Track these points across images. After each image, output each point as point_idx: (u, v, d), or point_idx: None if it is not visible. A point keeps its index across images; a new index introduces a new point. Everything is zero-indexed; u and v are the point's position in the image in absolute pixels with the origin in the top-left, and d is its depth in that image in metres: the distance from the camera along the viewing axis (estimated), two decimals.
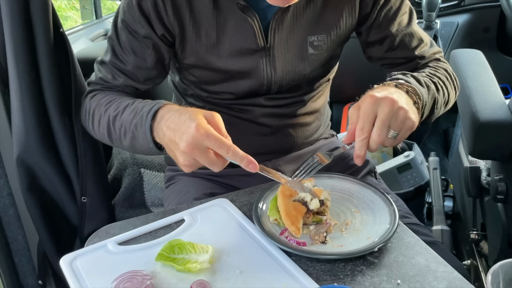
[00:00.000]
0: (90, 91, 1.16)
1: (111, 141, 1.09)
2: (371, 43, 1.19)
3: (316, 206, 0.90)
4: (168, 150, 0.90)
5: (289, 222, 0.87)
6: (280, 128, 1.24)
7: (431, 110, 1.03)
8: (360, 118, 0.88)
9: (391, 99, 0.87)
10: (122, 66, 1.11)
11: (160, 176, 1.56)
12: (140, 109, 0.96)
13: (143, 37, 1.07)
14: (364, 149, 0.89)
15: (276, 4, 0.97)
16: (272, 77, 1.13)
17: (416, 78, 1.00)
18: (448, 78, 1.12)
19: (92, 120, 1.10)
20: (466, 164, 1.64)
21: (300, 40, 1.12)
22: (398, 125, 0.88)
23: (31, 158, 1.32)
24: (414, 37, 1.16)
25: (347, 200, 0.99)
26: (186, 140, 0.82)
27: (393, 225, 0.88)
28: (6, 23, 1.18)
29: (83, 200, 1.42)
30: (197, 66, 1.13)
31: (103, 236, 0.92)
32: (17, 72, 1.23)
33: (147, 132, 0.92)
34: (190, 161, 0.84)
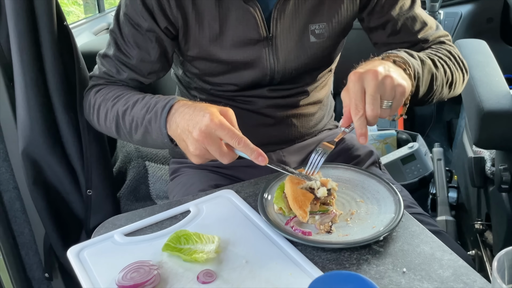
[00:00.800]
0: (94, 86, 1.16)
1: (119, 135, 1.09)
2: (374, 28, 1.19)
3: (323, 194, 0.90)
4: (179, 141, 0.91)
5: (296, 206, 0.87)
6: (284, 119, 1.24)
7: (430, 87, 1.02)
8: (351, 98, 0.87)
9: (374, 71, 0.86)
10: (126, 60, 1.11)
11: (164, 169, 1.56)
12: (153, 105, 0.97)
13: (146, 31, 1.07)
14: (364, 126, 0.88)
15: None
16: (275, 66, 1.14)
17: (408, 52, 1.00)
18: (452, 59, 1.11)
19: (97, 114, 1.11)
20: (470, 154, 1.64)
21: (302, 28, 1.12)
22: (388, 94, 0.87)
23: (36, 151, 1.33)
24: (417, 21, 1.15)
25: (352, 190, 0.99)
26: (199, 128, 0.84)
27: (398, 214, 0.88)
28: (10, 16, 1.18)
29: (88, 193, 1.43)
30: (201, 57, 1.13)
31: (109, 227, 0.93)
32: (21, 65, 1.23)
33: (162, 127, 0.94)
34: (202, 150, 0.85)
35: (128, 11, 1.07)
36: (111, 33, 1.13)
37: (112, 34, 1.12)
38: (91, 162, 1.39)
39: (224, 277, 0.78)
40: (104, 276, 0.79)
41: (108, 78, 1.14)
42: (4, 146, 1.39)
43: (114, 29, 1.12)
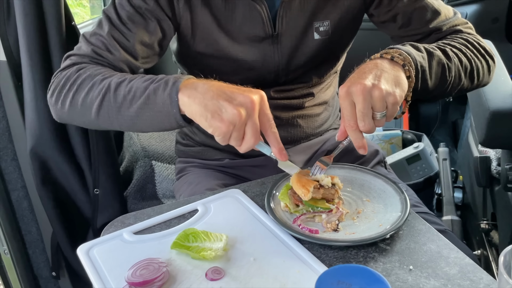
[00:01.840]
0: (76, 63, 1.02)
1: (98, 115, 0.95)
2: (384, 22, 1.17)
3: (327, 183, 0.91)
4: (210, 102, 0.82)
5: (299, 186, 0.88)
6: (290, 119, 1.25)
7: (443, 78, 0.99)
8: (342, 114, 0.88)
9: (361, 85, 0.84)
10: (121, 40, 1.03)
11: (171, 168, 1.57)
12: (161, 78, 0.90)
13: (147, 10, 1.04)
14: (361, 139, 0.88)
15: None
16: (280, 64, 1.14)
17: (413, 45, 0.97)
18: (470, 46, 1.07)
19: (75, 90, 0.96)
20: (476, 154, 1.64)
21: (306, 26, 1.12)
22: (379, 106, 0.85)
23: (44, 150, 1.35)
24: (428, 10, 1.12)
25: (358, 190, 1.00)
26: (252, 97, 0.82)
27: (405, 212, 0.89)
28: (19, 17, 1.20)
29: (95, 192, 1.44)
30: (207, 54, 1.13)
31: (118, 226, 0.94)
32: (30, 65, 1.24)
33: (173, 95, 0.85)
34: (239, 120, 0.80)
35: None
36: (106, 12, 1.06)
37: (106, 13, 1.05)
38: (98, 161, 1.41)
39: (232, 274, 0.78)
40: (113, 273, 0.80)
41: (95, 57, 1.03)
42: (12, 145, 1.40)
43: (109, 9, 1.05)
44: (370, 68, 0.89)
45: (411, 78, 0.92)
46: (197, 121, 0.85)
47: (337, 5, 1.12)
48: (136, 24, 1.04)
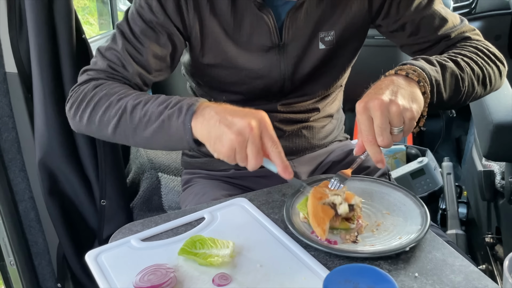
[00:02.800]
0: (92, 79, 1.07)
1: (114, 133, 0.99)
2: (393, 32, 1.18)
3: (344, 211, 0.90)
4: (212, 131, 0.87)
5: (315, 223, 0.88)
6: (295, 131, 1.26)
7: (457, 89, 1.00)
8: (360, 129, 0.89)
9: (379, 100, 0.86)
10: (135, 55, 1.06)
11: (177, 180, 1.59)
12: (175, 103, 0.94)
13: (158, 24, 1.06)
14: (379, 153, 0.89)
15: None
16: (286, 73, 1.16)
17: (426, 59, 0.99)
18: (480, 53, 1.08)
19: (93, 108, 1.01)
20: (480, 168, 1.65)
21: (312, 36, 1.14)
22: (396, 121, 0.87)
23: (53, 161, 1.36)
24: (435, 18, 1.13)
25: (378, 202, 1.00)
26: (250, 120, 0.84)
27: (425, 225, 0.88)
28: (31, 29, 1.22)
29: (102, 203, 1.45)
30: (215, 64, 1.15)
31: (126, 233, 0.95)
32: (40, 77, 1.27)
33: (186, 122, 0.90)
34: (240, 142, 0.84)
35: (142, 7, 1.07)
36: (119, 27, 1.09)
37: (120, 28, 1.08)
38: (105, 172, 1.42)
39: (239, 280, 0.79)
40: (121, 279, 0.81)
41: (111, 72, 1.07)
42: (21, 156, 1.42)
43: (122, 23, 1.09)
44: (386, 84, 0.91)
45: (426, 94, 0.93)
46: (205, 145, 0.90)
47: (342, 16, 1.14)
48: (149, 38, 1.07)
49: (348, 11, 1.14)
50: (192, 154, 1.37)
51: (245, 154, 0.86)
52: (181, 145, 0.95)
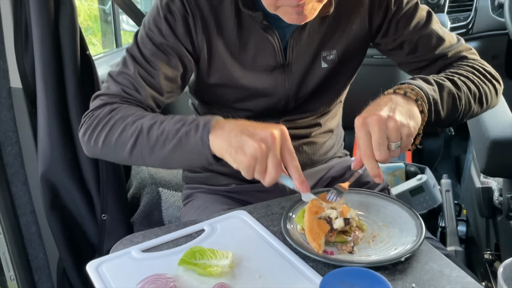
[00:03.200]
0: (107, 103, 1.08)
1: (131, 154, 1.01)
2: (392, 50, 1.21)
3: (339, 226, 0.91)
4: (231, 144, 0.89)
5: (311, 238, 0.89)
6: (296, 147, 1.27)
7: (454, 108, 1.02)
8: (358, 144, 0.91)
9: (377, 116, 0.88)
10: (147, 78, 1.08)
11: (177, 196, 1.60)
12: (192, 121, 0.96)
13: (168, 47, 1.09)
14: (376, 168, 0.91)
15: (293, 22, 1.02)
16: (290, 91, 1.18)
17: (424, 78, 1.01)
18: (476, 72, 1.11)
19: (109, 131, 1.03)
20: (478, 185, 1.66)
21: (314, 55, 1.17)
22: (394, 137, 0.89)
23: (55, 175, 1.38)
24: (433, 37, 1.16)
25: (374, 215, 1.01)
26: (272, 131, 0.87)
27: (420, 236, 0.90)
28: (37, 45, 1.25)
29: (103, 218, 1.46)
30: (221, 84, 1.17)
31: (127, 244, 0.96)
32: (45, 92, 1.29)
33: (205, 138, 0.92)
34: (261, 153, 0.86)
35: (151, 31, 1.09)
36: (129, 51, 1.11)
37: (130, 52, 1.11)
38: (107, 187, 1.43)
39: None
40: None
41: (125, 96, 1.09)
42: (24, 170, 1.44)
43: (132, 47, 1.11)
44: (385, 101, 0.93)
45: (424, 112, 0.95)
46: (224, 157, 0.92)
47: (343, 35, 1.17)
48: (160, 61, 1.09)
49: (349, 31, 1.17)
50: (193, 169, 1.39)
51: (265, 165, 0.88)
52: (199, 161, 0.96)
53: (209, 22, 1.10)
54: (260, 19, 1.08)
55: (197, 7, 1.08)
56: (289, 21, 1.02)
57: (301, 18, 1.01)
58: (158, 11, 1.09)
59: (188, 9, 1.08)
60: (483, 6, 2.46)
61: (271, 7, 1.02)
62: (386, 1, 1.16)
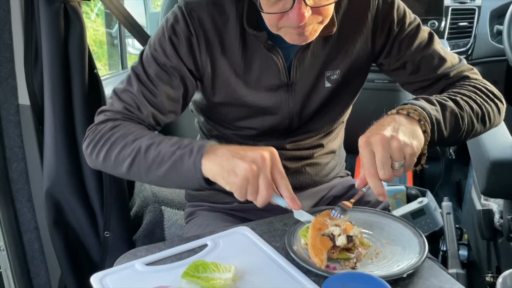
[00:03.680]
0: (109, 120, 1.12)
1: (129, 171, 1.05)
2: (394, 70, 1.23)
3: (342, 243, 0.92)
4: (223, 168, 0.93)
5: (313, 254, 0.90)
6: (299, 168, 1.30)
7: (457, 127, 1.04)
8: (362, 163, 0.93)
9: (380, 135, 0.90)
10: (149, 97, 1.12)
11: (180, 214, 1.61)
12: (187, 143, 1.00)
13: (171, 67, 1.12)
14: (380, 187, 0.92)
15: (295, 43, 1.05)
16: (294, 110, 1.20)
17: (427, 99, 1.03)
18: (479, 92, 1.12)
19: (109, 148, 1.07)
20: (478, 207, 1.67)
21: (318, 75, 1.19)
22: (397, 156, 0.90)
23: (59, 192, 1.39)
24: (435, 57, 1.18)
25: (378, 232, 1.02)
26: (262, 153, 0.91)
27: (423, 254, 0.91)
28: (46, 63, 1.28)
29: (106, 235, 1.47)
30: (226, 103, 1.19)
31: (130, 258, 0.97)
32: (52, 109, 1.32)
33: (197, 162, 0.95)
34: (252, 175, 0.90)
35: (156, 51, 1.13)
36: (134, 69, 1.14)
37: (135, 70, 1.14)
38: (110, 204, 1.45)
39: None
40: None
41: (127, 114, 1.12)
42: (29, 187, 1.45)
43: (137, 66, 1.14)
44: (388, 121, 0.95)
45: (427, 132, 0.97)
46: (217, 181, 0.96)
47: (346, 56, 1.19)
48: (162, 81, 1.12)
49: (352, 51, 1.20)
50: None
51: (256, 185, 0.91)
52: (192, 184, 1.01)
53: (213, 42, 1.13)
54: (265, 39, 1.11)
55: (201, 28, 1.12)
56: (290, 41, 1.05)
57: (302, 38, 1.04)
58: (163, 32, 1.13)
59: (192, 30, 1.12)
60: (482, 33, 2.51)
61: (273, 27, 1.05)
62: (389, 23, 1.18)
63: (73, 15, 1.29)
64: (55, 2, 1.25)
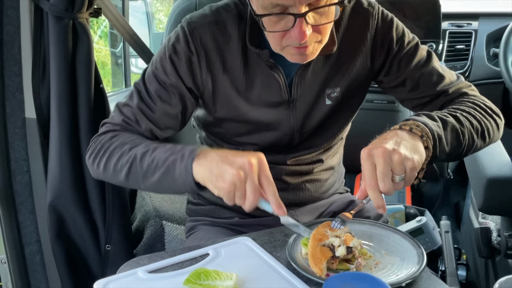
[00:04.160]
0: (110, 130, 1.17)
1: (127, 179, 1.09)
2: (394, 87, 1.26)
3: (342, 254, 0.94)
4: (211, 172, 0.96)
5: (313, 263, 0.92)
6: (299, 184, 1.32)
7: (458, 143, 1.06)
8: (363, 175, 0.95)
9: (382, 148, 0.93)
10: (148, 112, 1.16)
11: (180, 229, 1.62)
12: (179, 150, 1.03)
13: (170, 85, 1.16)
14: (381, 199, 0.94)
15: (296, 61, 1.08)
16: (295, 126, 1.23)
17: (428, 115, 1.06)
18: (478, 108, 1.14)
19: (108, 157, 1.12)
20: (476, 225, 1.69)
21: (319, 92, 1.21)
22: (398, 169, 0.92)
23: (63, 204, 1.41)
24: (434, 74, 1.21)
25: (377, 244, 1.04)
26: (250, 159, 0.93)
27: (421, 264, 0.93)
28: (53, 78, 1.31)
29: (107, 248, 1.48)
30: (227, 118, 1.22)
31: (133, 266, 0.98)
32: (58, 123, 1.34)
33: (188, 167, 0.99)
34: (239, 180, 0.92)
35: (157, 69, 1.17)
36: (136, 86, 1.19)
37: (137, 86, 1.18)
38: (112, 217, 1.46)
39: None
40: None
41: (126, 126, 1.17)
42: (32, 199, 1.47)
43: (139, 82, 1.19)
44: (391, 136, 0.98)
45: (428, 148, 1.00)
46: (206, 185, 0.99)
47: (346, 73, 1.22)
48: (161, 98, 1.16)
49: (352, 69, 1.22)
50: (197, 202, 1.42)
51: (244, 191, 0.94)
52: (184, 188, 1.04)
53: (214, 60, 1.16)
54: (267, 57, 1.14)
55: (202, 47, 1.15)
56: (292, 60, 1.08)
57: (303, 58, 1.07)
58: (164, 51, 1.18)
59: (193, 49, 1.15)
60: (479, 56, 2.55)
61: (277, 46, 1.08)
62: (388, 41, 1.22)
63: (81, 31, 1.33)
64: (64, 18, 1.29)
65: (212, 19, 1.17)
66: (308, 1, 0.97)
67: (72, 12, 1.29)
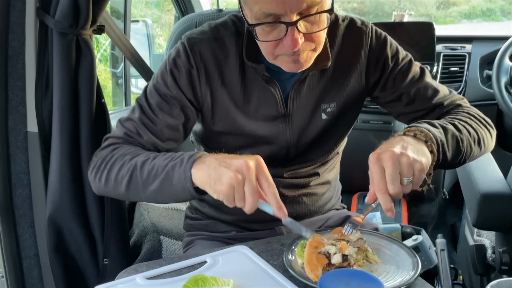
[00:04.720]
0: (111, 144, 1.19)
1: (128, 190, 1.10)
2: (390, 102, 1.30)
3: (337, 261, 0.96)
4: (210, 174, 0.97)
5: (309, 270, 0.94)
6: (295, 197, 1.34)
7: (458, 150, 1.09)
8: (372, 178, 0.97)
9: (390, 152, 0.95)
10: (149, 124, 1.18)
11: (178, 244, 1.63)
12: (178, 156, 1.05)
13: (171, 97, 1.19)
14: (389, 202, 0.96)
15: (291, 70, 1.12)
16: (291, 140, 1.25)
17: (429, 122, 1.09)
18: (473, 118, 1.19)
19: (110, 169, 1.13)
20: (471, 243, 1.70)
21: (315, 107, 1.25)
22: (407, 171, 0.95)
23: (62, 218, 1.42)
24: (429, 88, 1.26)
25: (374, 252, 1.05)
26: (247, 161, 0.95)
27: (416, 271, 0.95)
28: (56, 92, 1.34)
29: (105, 262, 1.49)
30: (225, 132, 1.25)
31: (132, 272, 1.00)
32: (60, 137, 1.37)
33: (187, 171, 1.00)
34: (237, 182, 0.93)
35: (158, 82, 1.20)
36: (138, 100, 1.22)
37: (139, 101, 1.21)
38: (111, 231, 1.47)
39: None
40: None
41: (127, 138, 1.19)
42: (32, 213, 1.48)
43: (141, 97, 1.22)
44: (397, 141, 1.01)
45: (433, 153, 1.03)
46: (205, 189, 1.00)
47: (341, 89, 1.26)
48: (163, 110, 1.19)
49: (347, 85, 1.26)
50: (195, 216, 1.43)
51: (243, 193, 0.95)
52: (183, 194, 1.04)
53: (213, 74, 1.20)
54: (263, 71, 1.18)
55: (202, 61, 1.19)
56: (286, 69, 1.12)
57: (297, 66, 1.11)
58: (165, 65, 1.21)
59: (193, 63, 1.19)
60: (473, 78, 2.60)
61: (270, 56, 1.11)
62: (383, 59, 1.26)
63: (84, 47, 1.36)
64: (68, 34, 1.33)
65: (211, 35, 1.21)
66: (299, 10, 1.01)
67: (76, 29, 1.33)
